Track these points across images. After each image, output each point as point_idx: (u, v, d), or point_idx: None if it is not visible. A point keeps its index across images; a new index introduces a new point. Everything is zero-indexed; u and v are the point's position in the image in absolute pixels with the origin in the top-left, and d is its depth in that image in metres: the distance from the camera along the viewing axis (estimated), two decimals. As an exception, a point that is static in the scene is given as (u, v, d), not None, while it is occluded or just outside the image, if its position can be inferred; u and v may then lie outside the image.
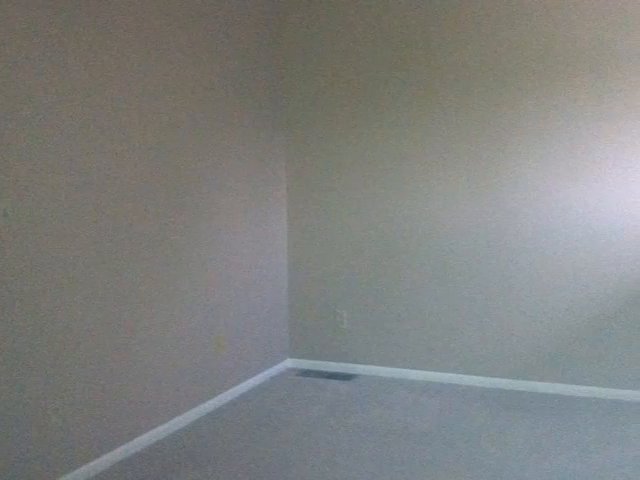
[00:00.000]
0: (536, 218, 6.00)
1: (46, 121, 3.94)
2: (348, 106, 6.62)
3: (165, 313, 5.05)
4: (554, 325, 6.02)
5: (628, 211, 5.70)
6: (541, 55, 5.88)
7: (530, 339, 6.12)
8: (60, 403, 4.08)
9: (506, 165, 6.07)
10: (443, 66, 6.23)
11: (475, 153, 6.17)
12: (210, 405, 5.63)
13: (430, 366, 6.50)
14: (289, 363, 7.07)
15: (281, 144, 6.83)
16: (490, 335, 6.25)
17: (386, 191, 6.53)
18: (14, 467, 3.79)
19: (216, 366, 5.73)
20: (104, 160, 4.39)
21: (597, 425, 5.22)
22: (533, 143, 5.97)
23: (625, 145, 5.68)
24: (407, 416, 5.47)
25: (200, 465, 4.50)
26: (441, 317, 6.42)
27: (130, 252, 4.65)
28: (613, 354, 5.84)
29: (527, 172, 6.00)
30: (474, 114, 6.15)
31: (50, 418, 4.02)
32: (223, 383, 5.84)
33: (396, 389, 6.23)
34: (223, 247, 5.78)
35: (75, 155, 4.15)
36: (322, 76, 6.70)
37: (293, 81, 6.84)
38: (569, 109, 5.84)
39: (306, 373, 6.79)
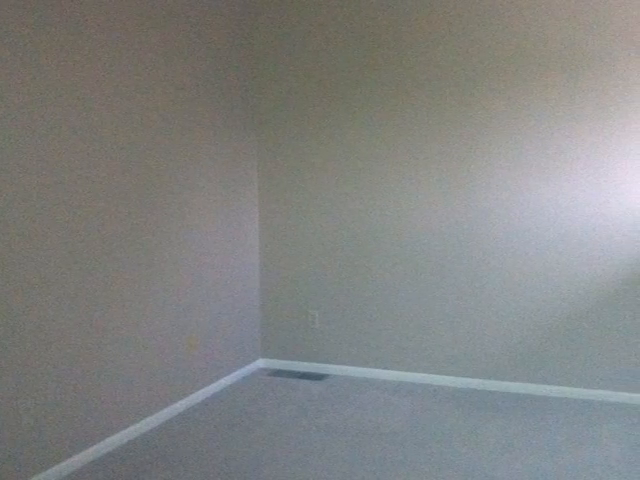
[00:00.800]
0: (508, 218, 6.05)
1: (17, 121, 3.97)
2: (320, 106, 6.65)
3: (137, 313, 5.08)
4: (526, 325, 6.07)
5: (600, 211, 5.77)
6: (513, 55, 5.94)
7: (502, 339, 6.17)
8: (32, 403, 4.11)
9: (478, 165, 6.11)
10: (415, 66, 6.27)
11: (447, 153, 6.22)
12: (182, 405, 5.66)
13: (402, 366, 6.54)
14: (261, 363, 7.09)
15: (253, 144, 6.85)
16: (462, 335, 6.30)
17: (358, 191, 6.57)
18: (-15, 467, 3.81)
19: (188, 366, 5.76)
20: (76, 160, 4.42)
21: (569, 425, 5.28)
22: (505, 143, 6.02)
23: (597, 145, 5.75)
24: (379, 416, 5.50)
25: (172, 465, 4.52)
26: (413, 317, 6.46)
27: (102, 252, 4.68)
28: (585, 354, 5.91)
29: (499, 172, 6.05)
30: (446, 114, 6.20)
31: (21, 418, 4.04)
32: (195, 383, 5.87)
33: (368, 389, 6.26)
34: (195, 247, 5.80)
35: (46, 155, 4.18)
36: (294, 76, 6.74)
37: (265, 81, 6.86)
38: (541, 109, 5.90)
39: (278, 373, 6.82)
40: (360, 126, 6.52)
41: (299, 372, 6.87)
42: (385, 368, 6.62)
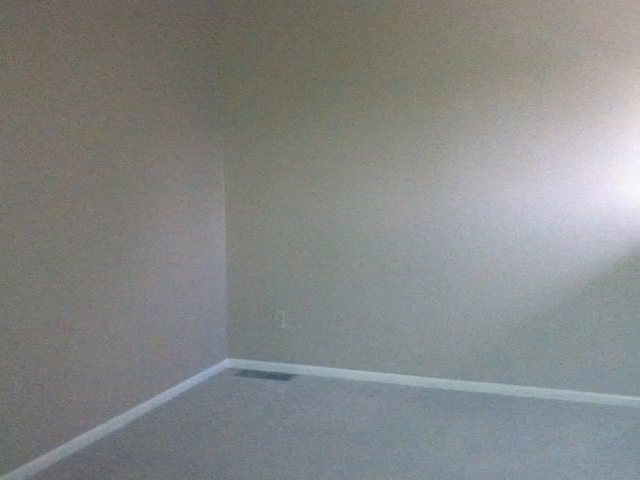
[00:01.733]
0: (474, 218, 6.13)
1: (-14, 120, 3.98)
2: (287, 106, 6.69)
3: (103, 313, 5.11)
4: (492, 325, 6.15)
5: (566, 211, 5.85)
6: (479, 55, 6.00)
7: (468, 339, 6.24)
8: (-2, 403, 4.13)
9: (444, 165, 6.17)
10: (381, 66, 6.32)
11: (413, 153, 6.26)
12: (148, 405, 5.69)
13: (368, 366, 6.60)
14: (227, 363, 7.12)
15: (219, 144, 6.88)
16: (428, 335, 6.37)
17: (324, 191, 6.62)
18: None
19: (154, 366, 5.79)
20: (42, 160, 4.44)
21: (535, 425, 5.35)
22: (471, 143, 6.09)
23: (563, 145, 5.82)
24: (345, 416, 5.56)
25: (138, 465, 4.55)
26: (380, 317, 6.52)
27: (68, 252, 4.71)
28: (551, 354, 6.00)
29: (465, 172, 6.12)
30: (412, 114, 6.25)
31: (-12, 418, 4.06)
32: (161, 383, 5.90)
33: (334, 389, 6.31)
34: (161, 247, 5.84)
35: (13, 155, 4.20)
36: (260, 76, 6.76)
37: (232, 81, 6.88)
38: (507, 109, 5.97)
39: (244, 373, 6.85)
40: (327, 126, 6.57)
41: (266, 372, 6.90)
42: (352, 368, 6.67)
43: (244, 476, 4.37)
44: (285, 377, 6.72)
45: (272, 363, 6.97)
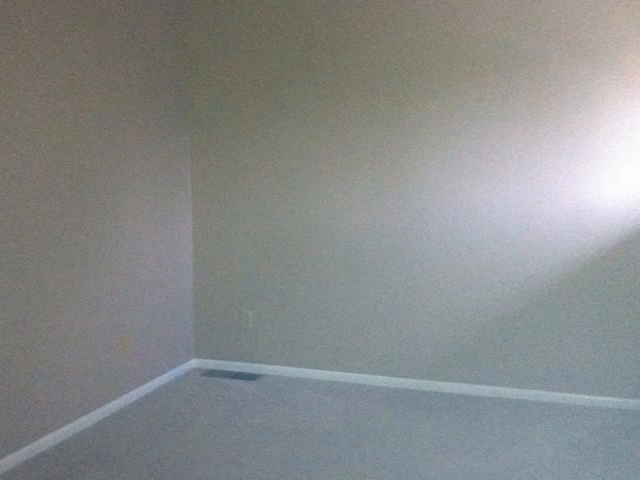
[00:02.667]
0: (441, 218, 6.20)
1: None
2: (253, 106, 6.73)
3: (70, 313, 5.14)
4: (459, 325, 6.25)
5: (533, 211, 5.93)
6: (446, 55, 6.07)
7: (435, 339, 6.33)
8: (-36, 404, 4.16)
9: (411, 165, 6.25)
10: (348, 66, 6.39)
11: (380, 153, 6.33)
12: (115, 405, 5.73)
13: (335, 366, 6.68)
14: (194, 363, 7.16)
15: (186, 144, 6.92)
16: (395, 335, 6.44)
17: (291, 191, 6.68)
18: None
19: (121, 366, 5.82)
20: (8, 160, 4.46)
21: (502, 425, 5.42)
22: (438, 143, 6.16)
23: (530, 145, 5.90)
24: (312, 416, 5.63)
25: (105, 465, 4.59)
26: (346, 317, 6.59)
27: (35, 252, 4.74)
28: (518, 354, 6.10)
29: (432, 172, 6.19)
30: (379, 114, 6.31)
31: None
32: (128, 383, 5.94)
33: (301, 389, 6.38)
34: (128, 247, 5.87)
35: (-21, 155, 4.23)
36: (227, 76, 6.80)
37: (198, 81, 6.91)
38: (474, 109, 6.04)
39: (211, 373, 6.89)
40: (293, 126, 6.64)
41: (233, 372, 6.94)
42: (319, 368, 6.75)
43: (211, 476, 4.40)
44: (252, 377, 6.76)
45: (239, 363, 7.01)
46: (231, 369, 7.04)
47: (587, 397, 5.94)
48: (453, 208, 6.16)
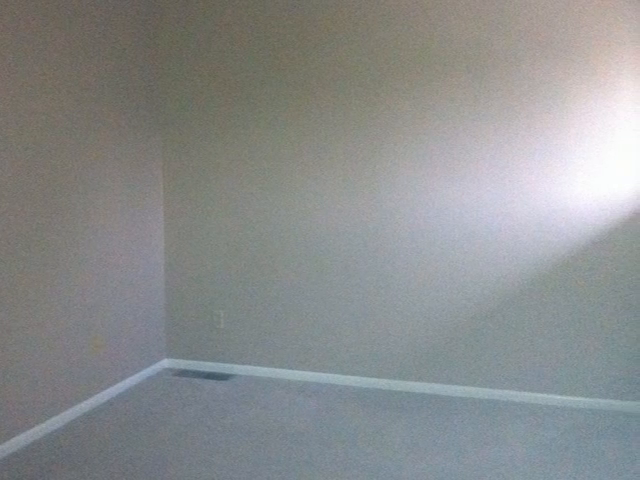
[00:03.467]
0: (413, 218, 6.27)
1: None
2: (225, 106, 6.79)
3: (41, 313, 5.17)
4: (431, 325, 6.32)
5: (505, 211, 6.00)
6: (418, 55, 6.14)
7: (407, 339, 6.41)
8: None
9: (383, 165, 6.32)
10: (319, 66, 6.47)
11: (352, 153, 6.40)
12: (87, 405, 5.77)
13: (307, 366, 6.75)
14: (166, 363, 7.20)
15: (158, 144, 6.96)
16: (367, 335, 6.51)
17: (263, 191, 6.74)
18: None
19: (93, 366, 5.86)
20: (-20, 159, 4.51)
21: (474, 425, 5.49)
22: (410, 143, 6.23)
23: (501, 145, 5.97)
24: (284, 416, 5.68)
25: (77, 465, 4.63)
26: (318, 317, 6.66)
27: (6, 252, 4.77)
28: (490, 354, 6.18)
29: (404, 172, 6.27)
30: (350, 114, 6.38)
31: None
32: (100, 383, 5.97)
33: (273, 389, 6.44)
34: (100, 247, 5.90)
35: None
36: (199, 76, 6.85)
37: (170, 81, 6.95)
38: (445, 109, 6.11)
39: (183, 373, 6.93)
40: (265, 126, 6.70)
41: (204, 372, 6.98)
42: (290, 368, 6.82)
43: (182, 476, 4.45)
44: (224, 377, 6.81)
45: (211, 363, 7.05)
46: (203, 369, 7.08)
47: (559, 397, 6.02)
48: (425, 208, 6.22)
